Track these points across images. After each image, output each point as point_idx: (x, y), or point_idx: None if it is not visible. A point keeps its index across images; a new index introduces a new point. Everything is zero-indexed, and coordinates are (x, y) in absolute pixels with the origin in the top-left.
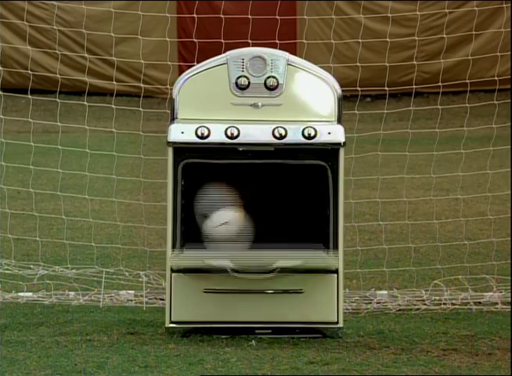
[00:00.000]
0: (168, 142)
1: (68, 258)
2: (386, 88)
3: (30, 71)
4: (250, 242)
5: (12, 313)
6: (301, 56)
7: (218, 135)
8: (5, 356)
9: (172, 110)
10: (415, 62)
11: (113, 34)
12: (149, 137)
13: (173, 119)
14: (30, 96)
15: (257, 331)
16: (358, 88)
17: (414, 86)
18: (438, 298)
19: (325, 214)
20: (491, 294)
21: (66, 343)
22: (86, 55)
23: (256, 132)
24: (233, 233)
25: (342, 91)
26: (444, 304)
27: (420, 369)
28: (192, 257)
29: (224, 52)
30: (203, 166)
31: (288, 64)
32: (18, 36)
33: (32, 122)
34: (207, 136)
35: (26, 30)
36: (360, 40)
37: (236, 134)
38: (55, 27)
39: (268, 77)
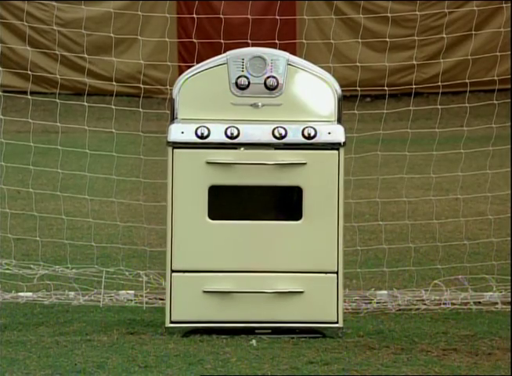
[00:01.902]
0: (168, 142)
1: (68, 258)
2: (386, 88)
3: (29, 72)
4: None
5: (12, 313)
6: (300, 56)
7: (217, 135)
8: (5, 356)
9: (172, 110)
10: (415, 62)
11: (112, 35)
12: (148, 137)
13: (173, 119)
14: (29, 97)
15: (257, 331)
16: (358, 88)
17: (414, 86)
18: (437, 298)
19: None
20: (491, 294)
21: (66, 343)
22: (86, 56)
23: (256, 132)
24: None
25: (342, 91)
26: (444, 304)
27: (419, 369)
28: None
29: (224, 53)
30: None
31: (288, 64)
32: (18, 37)
33: (32, 122)
34: (207, 136)
35: (25, 31)
36: (360, 40)
37: (235, 134)
38: (54, 28)
39: (268, 77)
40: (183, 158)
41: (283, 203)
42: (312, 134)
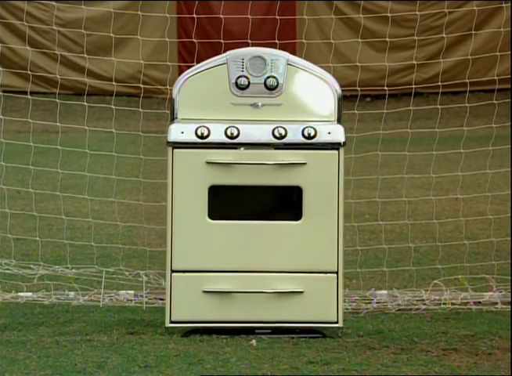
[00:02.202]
0: (168, 142)
1: (68, 258)
2: (386, 88)
3: (29, 72)
4: None
5: (12, 313)
6: (300, 56)
7: (217, 135)
8: (5, 356)
9: (172, 110)
10: (415, 62)
11: (112, 35)
12: (148, 137)
13: (173, 119)
14: (29, 97)
15: (257, 331)
16: (358, 88)
17: (414, 86)
18: (437, 297)
19: None
20: (491, 293)
21: (66, 343)
22: (86, 56)
23: (256, 132)
24: None
25: (342, 91)
26: (444, 304)
27: (419, 369)
28: None
29: (224, 53)
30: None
31: (288, 64)
32: (18, 37)
33: (32, 122)
34: (207, 136)
35: (25, 31)
36: (360, 40)
37: (235, 134)
38: (54, 28)
39: (268, 77)
40: (183, 158)
41: (283, 203)
42: (312, 134)
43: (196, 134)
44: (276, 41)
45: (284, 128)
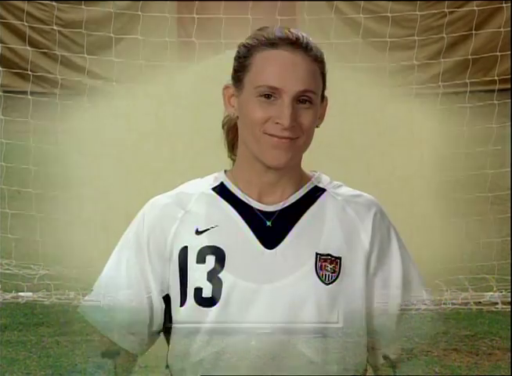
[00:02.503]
0: None
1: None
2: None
3: (29, 72)
4: None
5: (12, 313)
6: None
7: None
8: (5, 356)
9: None
10: (415, 62)
11: (112, 35)
12: None
13: None
14: (29, 97)
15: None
16: None
17: (414, 86)
18: (438, 297)
19: None
20: (491, 294)
21: (66, 343)
22: (86, 56)
23: None
24: None
25: None
26: (444, 304)
27: (420, 369)
28: None
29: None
30: None
31: None
32: (18, 37)
33: (32, 122)
34: None
35: (25, 31)
36: (360, 39)
37: None
38: (54, 28)
39: None
40: None
41: None
42: None
43: None
44: None
45: None
